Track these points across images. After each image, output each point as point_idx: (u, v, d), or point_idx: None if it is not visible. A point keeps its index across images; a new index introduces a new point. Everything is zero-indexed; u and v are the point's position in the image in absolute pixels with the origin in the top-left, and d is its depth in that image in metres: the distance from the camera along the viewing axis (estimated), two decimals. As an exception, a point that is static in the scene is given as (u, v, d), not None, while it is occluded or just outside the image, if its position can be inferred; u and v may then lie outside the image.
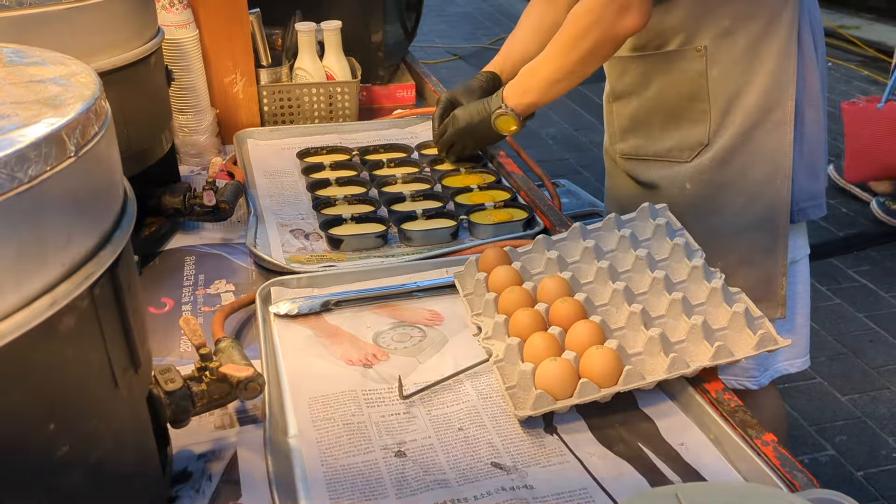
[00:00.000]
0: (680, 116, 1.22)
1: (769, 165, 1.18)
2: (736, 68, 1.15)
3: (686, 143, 1.22)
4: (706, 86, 1.17)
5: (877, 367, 2.50)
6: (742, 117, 1.17)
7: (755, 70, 1.15)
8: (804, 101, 1.18)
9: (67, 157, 0.50)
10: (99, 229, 0.55)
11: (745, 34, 1.14)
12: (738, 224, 1.20)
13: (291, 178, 1.36)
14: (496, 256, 1.01)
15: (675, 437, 0.80)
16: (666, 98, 1.22)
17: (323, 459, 0.76)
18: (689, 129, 1.21)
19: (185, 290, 1.06)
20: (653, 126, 1.26)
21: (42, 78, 0.59)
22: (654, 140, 1.26)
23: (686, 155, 1.22)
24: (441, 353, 0.92)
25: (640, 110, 1.27)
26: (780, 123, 1.16)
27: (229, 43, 1.46)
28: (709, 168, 1.20)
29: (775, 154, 1.17)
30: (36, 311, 0.48)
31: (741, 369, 1.28)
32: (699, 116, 1.19)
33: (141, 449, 0.65)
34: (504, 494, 0.71)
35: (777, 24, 1.13)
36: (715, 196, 1.21)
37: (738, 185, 1.19)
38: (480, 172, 1.34)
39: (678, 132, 1.22)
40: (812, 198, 1.23)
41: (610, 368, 0.81)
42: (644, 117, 1.27)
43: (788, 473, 0.72)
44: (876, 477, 2.08)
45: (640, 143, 1.29)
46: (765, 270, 1.21)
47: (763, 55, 1.14)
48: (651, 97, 1.24)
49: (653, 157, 1.27)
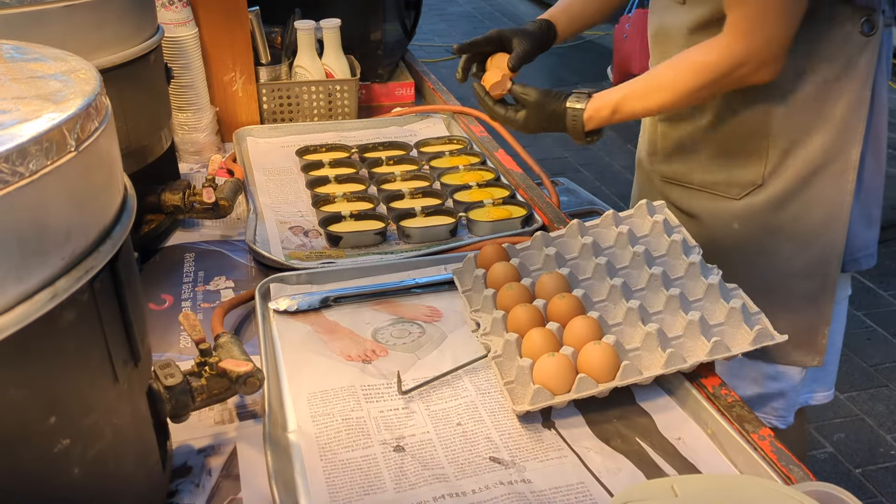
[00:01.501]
0: (734, 151, 1.14)
1: (825, 214, 1.11)
2: (804, 110, 1.08)
3: (737, 180, 1.14)
4: (770, 124, 1.09)
5: (875, 365, 2.50)
6: (803, 161, 1.10)
7: (824, 114, 1.08)
8: (869, 149, 1.11)
9: (68, 152, 0.50)
10: (99, 224, 0.55)
11: (819, 76, 1.06)
12: (785, 270, 1.14)
13: (291, 175, 1.37)
14: (494, 253, 1.01)
15: (672, 431, 0.80)
16: (722, 130, 1.14)
17: (322, 454, 0.76)
18: (743, 165, 1.13)
19: (184, 286, 1.06)
20: (701, 155, 1.18)
21: (43, 74, 0.60)
22: (701, 170, 1.18)
23: (735, 192, 1.15)
24: (440, 349, 0.92)
25: (691, 137, 1.18)
26: (842, 171, 1.09)
27: (229, 41, 1.47)
28: (761, 210, 1.13)
29: (833, 203, 1.10)
30: (36, 304, 0.49)
31: (771, 409, 1.24)
32: (756, 154, 1.12)
33: (141, 443, 0.65)
34: (502, 489, 0.72)
35: (853, 69, 1.06)
36: (764, 240, 1.14)
37: (790, 231, 1.12)
38: (479, 170, 1.34)
39: (729, 167, 1.15)
40: (865, 247, 1.17)
41: (607, 364, 0.81)
42: (693, 145, 1.18)
43: (784, 468, 0.72)
44: (874, 474, 2.08)
45: (685, 169, 1.21)
46: (808, 319, 1.15)
47: (834, 99, 1.07)
48: (705, 126, 1.15)
49: (697, 186, 1.20)
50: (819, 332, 1.16)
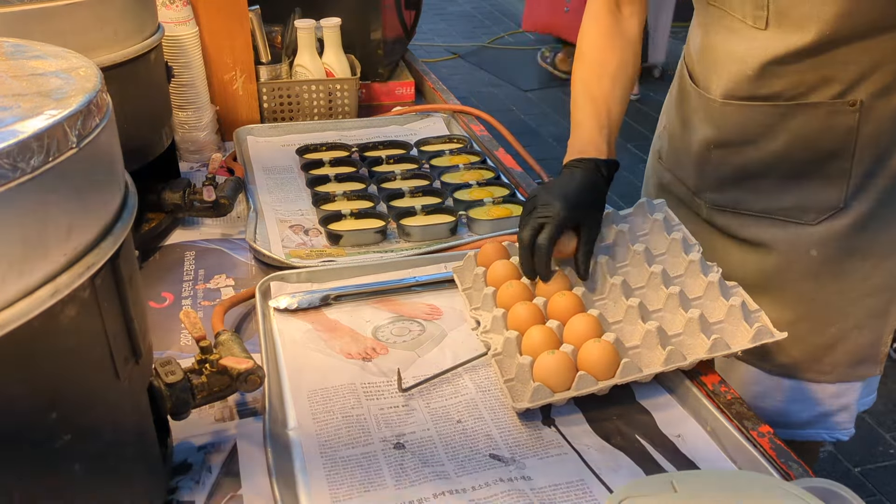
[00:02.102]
0: (809, 173, 1.04)
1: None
2: (889, 127, 1.01)
3: (813, 204, 1.05)
4: (853, 145, 1.01)
5: (875, 364, 2.50)
6: (884, 179, 1.03)
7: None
8: None
9: (69, 149, 0.51)
10: (100, 220, 0.56)
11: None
12: (858, 290, 1.08)
13: (291, 174, 1.37)
14: (494, 251, 1.01)
15: (672, 428, 0.80)
16: (795, 153, 1.04)
17: (322, 451, 0.76)
18: (820, 188, 1.04)
19: (185, 284, 1.06)
20: (766, 180, 1.08)
21: (44, 71, 0.60)
22: (766, 196, 1.08)
23: (811, 217, 1.05)
24: (440, 347, 0.93)
25: (756, 162, 1.07)
26: None
27: (229, 40, 1.47)
28: (845, 234, 1.05)
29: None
30: (37, 300, 0.49)
31: (835, 424, 1.18)
32: (837, 176, 1.03)
33: (141, 440, 0.65)
34: (502, 486, 0.72)
35: None
36: (843, 262, 1.07)
37: (867, 250, 1.06)
38: (479, 169, 1.34)
39: (802, 190, 1.05)
40: None
41: (607, 361, 0.81)
42: (758, 170, 1.07)
43: (784, 464, 0.72)
44: (873, 473, 2.08)
45: (745, 197, 1.10)
46: (874, 333, 1.11)
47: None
48: (775, 150, 1.05)
49: (760, 213, 1.09)
50: (882, 343, 1.12)
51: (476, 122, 1.59)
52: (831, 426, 1.18)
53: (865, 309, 1.08)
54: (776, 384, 1.13)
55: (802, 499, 0.56)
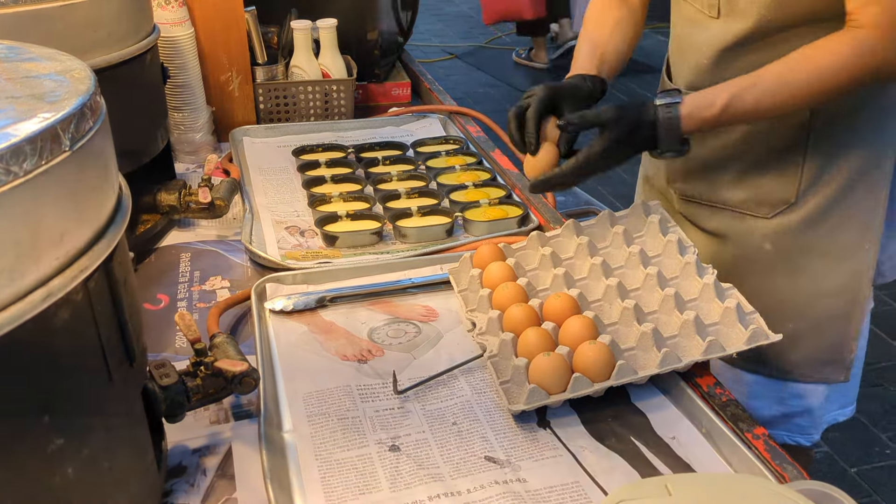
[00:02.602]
0: (763, 167, 1.08)
1: (860, 229, 1.07)
2: (841, 123, 1.03)
3: (767, 198, 1.08)
4: (806, 140, 1.04)
5: (870, 364, 2.49)
6: (840, 177, 1.05)
7: (860, 126, 1.04)
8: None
9: (62, 152, 0.51)
10: (93, 223, 0.56)
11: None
12: (815, 290, 1.09)
13: (287, 175, 1.37)
14: (490, 253, 1.01)
15: (666, 430, 0.80)
16: (751, 147, 1.08)
17: (317, 454, 0.76)
18: (773, 183, 1.07)
19: (180, 286, 1.06)
20: (725, 173, 1.12)
21: (37, 74, 0.60)
22: (724, 188, 1.12)
23: (766, 211, 1.08)
24: (435, 349, 0.92)
25: (716, 154, 1.11)
26: (875, 184, 1.06)
27: (225, 41, 1.47)
28: (796, 230, 1.07)
29: (867, 216, 1.06)
30: (30, 304, 0.49)
31: (796, 427, 1.19)
32: (789, 171, 1.06)
33: (135, 443, 0.65)
34: (497, 488, 0.72)
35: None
36: (797, 258, 1.09)
37: (824, 248, 1.08)
38: (475, 170, 1.34)
39: (757, 184, 1.09)
40: (891, 258, 1.13)
41: (603, 363, 0.81)
42: (717, 162, 1.12)
43: (779, 466, 0.72)
44: (869, 473, 2.09)
45: (706, 188, 1.14)
46: (838, 336, 1.11)
47: (871, 110, 1.04)
48: (731, 144, 1.09)
49: (720, 204, 1.13)
50: (846, 349, 1.12)
51: (472, 122, 1.59)
52: (793, 428, 1.19)
53: (823, 310, 1.10)
54: (738, 377, 1.14)
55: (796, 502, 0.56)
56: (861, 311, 1.11)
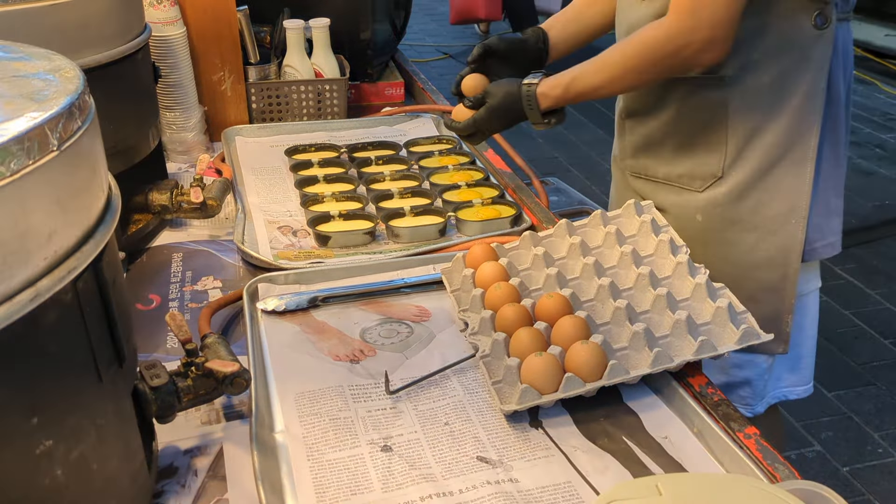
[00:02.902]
0: (694, 144, 1.16)
1: (785, 204, 1.12)
2: (760, 102, 1.10)
3: (698, 173, 1.16)
4: (726, 117, 1.11)
5: (862, 364, 2.52)
6: (761, 153, 1.11)
7: (780, 106, 1.09)
8: (827, 139, 1.13)
9: (50, 152, 0.50)
10: (82, 224, 0.55)
11: (773, 68, 1.08)
12: (747, 261, 1.15)
13: (279, 175, 1.37)
14: (483, 253, 1.01)
15: (658, 430, 0.80)
16: (682, 124, 1.16)
17: (309, 454, 0.76)
18: (703, 158, 1.15)
19: (172, 286, 1.06)
20: (665, 149, 1.20)
21: (26, 73, 0.59)
22: (665, 163, 1.20)
23: (698, 184, 1.17)
24: (428, 349, 0.92)
25: (654, 131, 1.20)
26: (800, 161, 1.11)
27: (217, 40, 1.46)
28: (722, 202, 1.15)
29: (793, 193, 1.12)
30: (18, 304, 0.48)
31: (738, 397, 1.24)
32: (715, 147, 1.14)
33: (125, 444, 0.65)
34: (489, 488, 0.72)
35: (807, 60, 1.07)
36: (726, 230, 1.16)
37: (751, 222, 1.14)
38: (468, 170, 1.34)
39: (691, 160, 1.17)
40: (824, 237, 1.18)
41: (595, 363, 0.81)
42: (657, 139, 1.20)
43: (770, 466, 0.73)
44: (861, 472, 2.09)
45: (651, 164, 1.23)
46: (771, 308, 1.16)
47: (789, 91, 1.08)
48: (667, 121, 1.18)
49: (662, 180, 1.21)
50: (783, 321, 1.18)
51: (465, 122, 1.58)
52: (735, 399, 1.24)
53: (756, 282, 1.15)
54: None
55: (787, 502, 0.56)
56: (792, 284, 1.16)
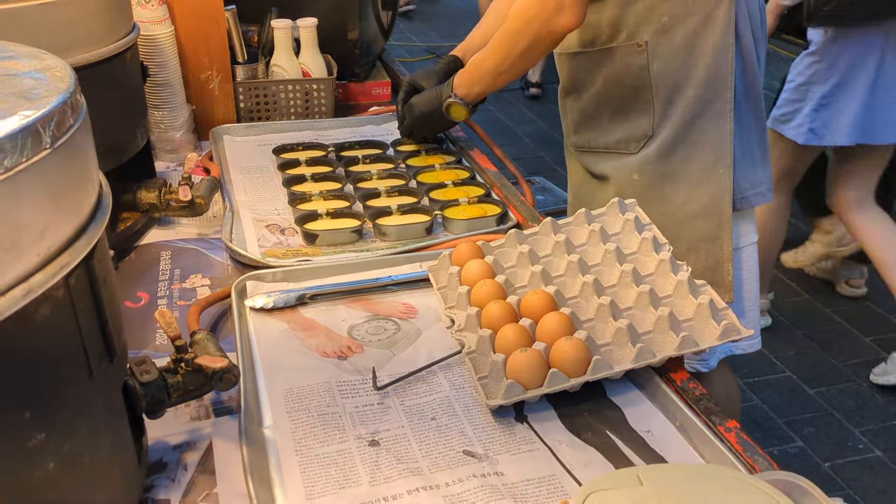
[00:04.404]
0: (626, 109, 1.26)
1: (711, 154, 1.22)
2: (675, 62, 1.20)
3: (633, 135, 1.26)
4: (649, 79, 1.22)
5: (843, 361, 2.55)
6: (683, 108, 1.21)
7: (694, 64, 1.20)
8: (742, 92, 1.24)
9: (43, 149, 0.51)
10: (74, 220, 0.56)
11: (683, 30, 1.19)
12: (683, 212, 1.25)
13: (267, 174, 1.37)
14: (469, 251, 1.02)
15: (641, 424, 0.82)
16: (612, 92, 1.27)
17: (297, 449, 0.77)
18: (635, 120, 1.26)
19: (160, 284, 1.06)
20: (601, 119, 1.30)
21: (17, 72, 0.60)
22: (604, 133, 1.31)
23: (633, 146, 1.27)
24: (415, 346, 0.94)
25: (590, 104, 1.31)
26: (720, 114, 1.21)
27: (205, 39, 1.47)
28: (654, 158, 1.25)
29: (716, 143, 1.22)
30: (11, 300, 0.49)
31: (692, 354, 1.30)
32: (644, 108, 1.24)
33: (116, 439, 0.65)
34: (475, 481, 0.73)
35: (713, 20, 1.18)
36: (661, 185, 1.25)
37: (682, 174, 1.24)
38: (455, 169, 1.35)
39: (625, 125, 1.27)
40: (753, 186, 1.29)
41: (579, 358, 0.83)
42: (593, 111, 1.31)
43: (750, 458, 0.74)
44: (842, 468, 2.12)
45: (592, 136, 1.33)
46: (711, 257, 1.25)
47: (701, 49, 1.19)
48: (598, 92, 1.29)
49: (603, 149, 1.32)
50: (723, 269, 1.26)
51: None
52: (690, 356, 1.29)
53: (693, 232, 1.25)
54: None
55: (764, 491, 0.58)
56: (728, 232, 1.24)
